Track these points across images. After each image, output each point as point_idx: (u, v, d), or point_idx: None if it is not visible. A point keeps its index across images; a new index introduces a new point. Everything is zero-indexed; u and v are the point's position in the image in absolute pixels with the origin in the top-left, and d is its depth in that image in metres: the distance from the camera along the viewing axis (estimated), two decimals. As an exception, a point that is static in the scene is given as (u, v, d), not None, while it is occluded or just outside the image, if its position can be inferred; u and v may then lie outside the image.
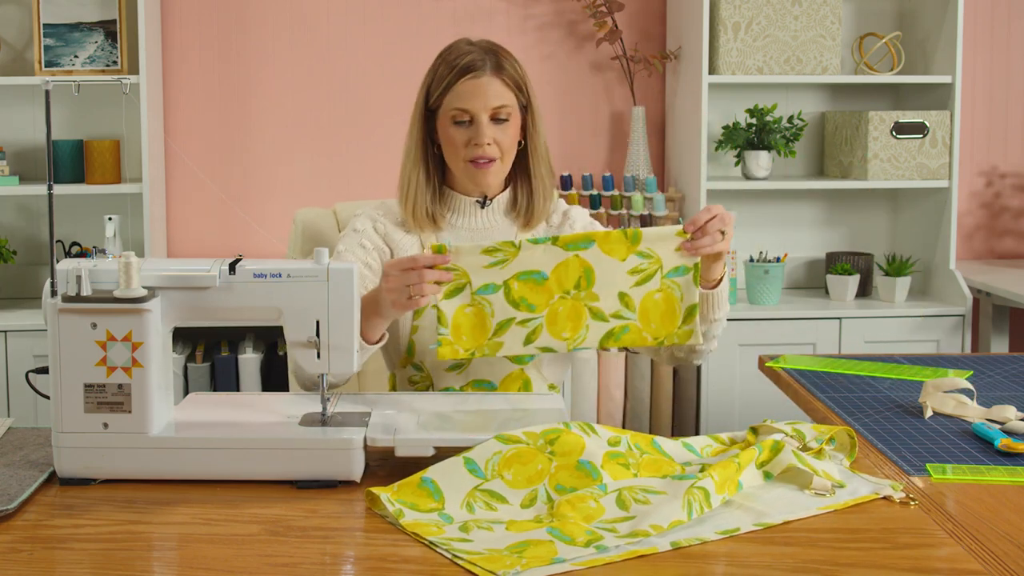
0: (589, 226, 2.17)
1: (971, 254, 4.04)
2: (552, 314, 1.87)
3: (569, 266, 1.85)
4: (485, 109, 2.02)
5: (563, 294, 1.86)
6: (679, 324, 1.88)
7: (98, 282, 1.62)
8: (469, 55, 2.04)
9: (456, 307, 1.85)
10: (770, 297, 3.59)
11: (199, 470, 1.61)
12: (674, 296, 1.88)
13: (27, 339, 3.31)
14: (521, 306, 1.86)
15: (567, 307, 1.86)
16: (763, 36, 3.58)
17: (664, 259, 1.86)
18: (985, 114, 4.00)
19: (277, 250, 3.67)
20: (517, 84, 2.06)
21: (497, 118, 2.03)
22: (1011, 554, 1.37)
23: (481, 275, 1.85)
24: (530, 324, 1.87)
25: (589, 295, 1.86)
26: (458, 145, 2.05)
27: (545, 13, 3.83)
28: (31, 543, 1.41)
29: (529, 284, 1.85)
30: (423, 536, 1.42)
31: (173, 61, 3.74)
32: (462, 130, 2.04)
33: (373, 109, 3.79)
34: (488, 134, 2.03)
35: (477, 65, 2.02)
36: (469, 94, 2.02)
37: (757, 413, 3.40)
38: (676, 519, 1.44)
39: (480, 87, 2.02)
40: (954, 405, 1.99)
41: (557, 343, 1.88)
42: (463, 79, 2.02)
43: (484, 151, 2.03)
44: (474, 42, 2.09)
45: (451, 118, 2.04)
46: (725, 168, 3.87)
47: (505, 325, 1.87)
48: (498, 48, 2.08)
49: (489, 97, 2.02)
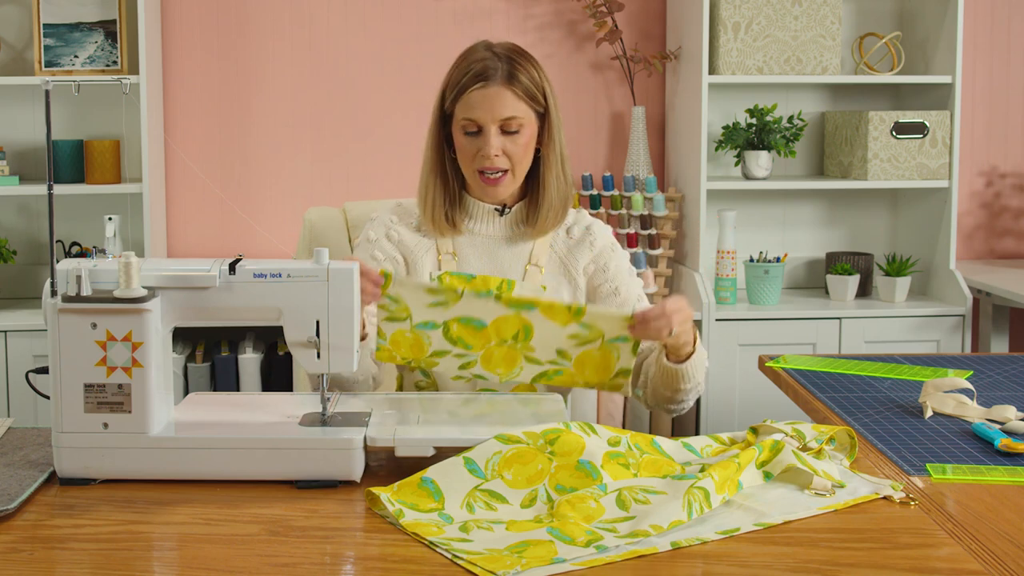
0: (610, 248, 2.14)
1: (971, 254, 4.04)
2: (487, 355, 1.88)
3: (509, 320, 1.85)
4: (493, 120, 1.99)
5: (500, 342, 1.87)
6: (611, 376, 1.88)
7: (98, 282, 1.62)
8: (483, 62, 2.00)
9: (396, 329, 1.87)
10: (770, 297, 3.59)
11: (199, 470, 1.61)
12: (611, 356, 1.86)
13: (27, 339, 3.31)
14: (458, 344, 1.87)
15: (502, 352, 1.88)
16: (763, 36, 3.58)
17: (605, 332, 1.84)
18: (985, 114, 4.00)
19: (277, 250, 3.67)
20: (531, 94, 2.02)
21: (507, 130, 2.01)
22: (1011, 554, 1.37)
23: (422, 312, 1.85)
24: (465, 358, 1.89)
25: (525, 347, 1.87)
26: (468, 154, 2.03)
27: (545, 13, 3.83)
28: (31, 543, 1.41)
29: (468, 328, 1.86)
30: (423, 536, 1.42)
31: (173, 61, 3.74)
32: (471, 139, 2.02)
33: (372, 109, 3.79)
34: (495, 145, 2.00)
35: (488, 74, 1.99)
36: (477, 104, 1.99)
37: (757, 413, 3.41)
38: (676, 519, 1.44)
39: (488, 97, 1.99)
40: (954, 405, 1.99)
41: (490, 375, 1.91)
42: (473, 88, 1.99)
43: (492, 163, 2.01)
44: (493, 47, 2.05)
45: (461, 127, 2.02)
46: (725, 168, 3.87)
47: (441, 353, 1.89)
48: (515, 55, 2.03)
49: (497, 108, 1.99)
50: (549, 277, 2.10)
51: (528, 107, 2.02)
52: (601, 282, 2.12)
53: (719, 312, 3.49)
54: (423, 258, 2.09)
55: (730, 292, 3.58)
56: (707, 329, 3.45)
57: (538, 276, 2.09)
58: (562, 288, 2.11)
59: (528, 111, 2.02)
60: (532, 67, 2.03)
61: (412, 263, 2.09)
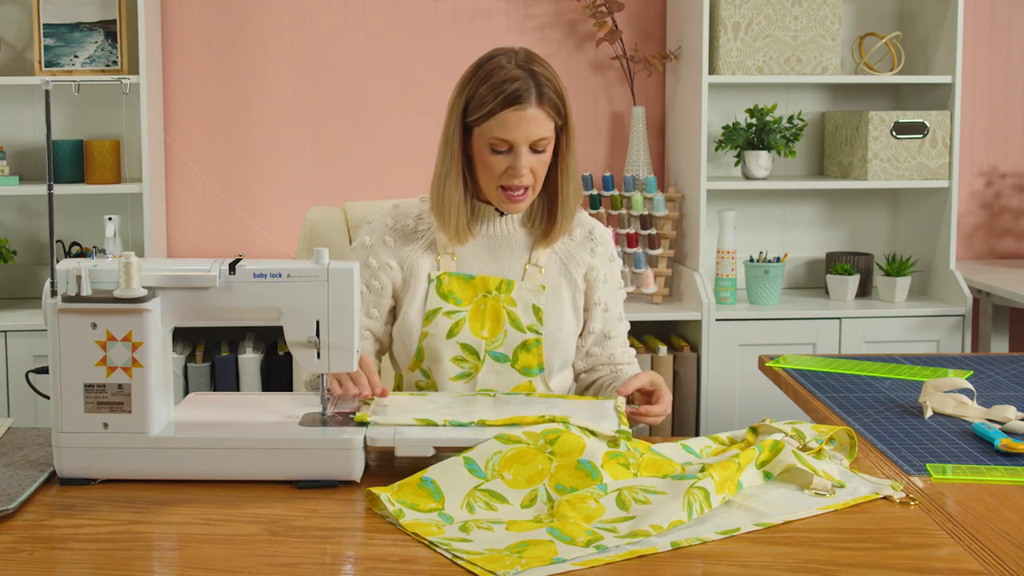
0: (610, 259, 2.16)
1: (971, 254, 4.04)
2: None
3: None
4: (526, 141, 1.99)
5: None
6: None
7: (98, 282, 1.62)
8: (515, 82, 1.98)
9: None
10: (770, 297, 3.59)
11: (199, 470, 1.61)
12: None
13: (27, 339, 3.31)
14: None
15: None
16: (763, 36, 3.57)
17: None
18: (985, 114, 4.00)
19: (277, 250, 3.67)
20: (556, 108, 2.02)
21: (536, 149, 2.01)
22: (1011, 554, 1.37)
23: None
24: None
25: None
26: (494, 171, 2.02)
27: (545, 13, 3.83)
28: (31, 543, 1.41)
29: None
30: (423, 536, 1.42)
31: (173, 61, 3.74)
32: (500, 157, 2.00)
33: (372, 109, 3.79)
34: (526, 165, 2.00)
35: (523, 96, 1.97)
36: (513, 125, 1.98)
37: (757, 413, 3.40)
38: (676, 519, 1.44)
39: (524, 120, 1.98)
40: (954, 405, 1.99)
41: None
42: (508, 109, 1.97)
43: (521, 181, 2.01)
44: (516, 58, 2.03)
45: (490, 145, 2.00)
46: (725, 168, 3.87)
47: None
48: (537, 69, 2.01)
49: (532, 130, 1.98)
50: (549, 277, 2.10)
51: (553, 123, 2.02)
52: (595, 292, 2.14)
53: (719, 312, 3.49)
54: (420, 260, 2.09)
55: (730, 292, 3.58)
56: (707, 329, 3.45)
57: (538, 276, 2.09)
58: (562, 288, 2.11)
59: (553, 129, 2.03)
60: (553, 78, 2.04)
61: (408, 268, 2.09)
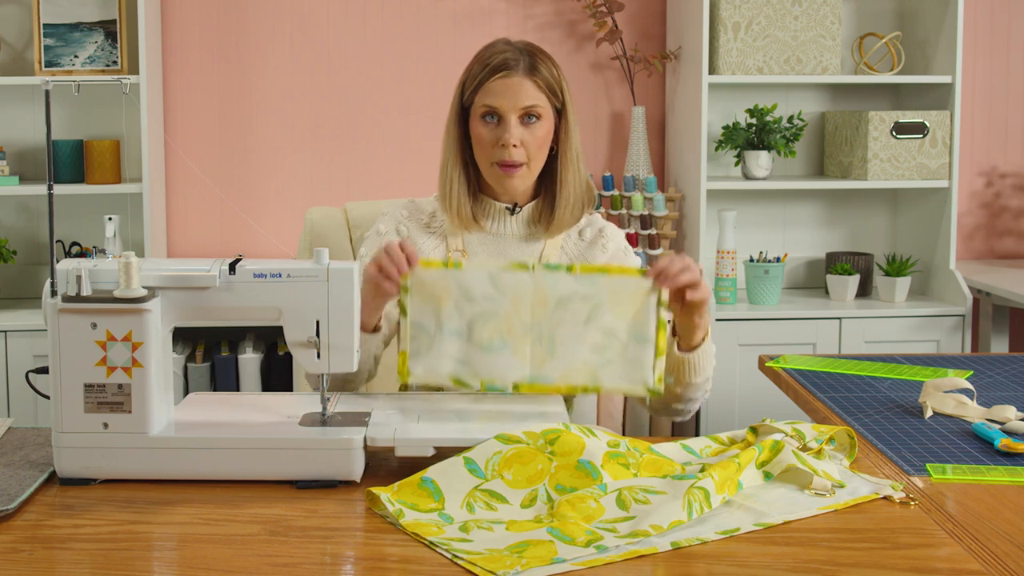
0: (623, 252, 2.13)
1: (971, 254, 4.04)
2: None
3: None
4: (514, 108, 2.00)
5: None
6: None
7: (98, 282, 1.62)
8: (504, 54, 2.02)
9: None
10: (770, 297, 3.59)
11: (199, 470, 1.61)
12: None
13: (27, 339, 3.31)
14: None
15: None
16: (763, 36, 3.58)
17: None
18: (985, 114, 4.00)
19: (278, 250, 3.67)
20: (551, 87, 2.03)
21: (528, 116, 2.01)
22: (1011, 554, 1.37)
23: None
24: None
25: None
26: (486, 144, 2.03)
27: (545, 13, 3.83)
28: (31, 543, 1.41)
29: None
30: (423, 536, 1.42)
31: (173, 61, 3.74)
32: (490, 128, 2.02)
33: (372, 109, 3.79)
34: (515, 134, 2.01)
35: (510, 64, 2.01)
36: (499, 92, 2.00)
37: (757, 413, 3.40)
38: (676, 519, 1.44)
39: (511, 86, 2.00)
40: (954, 405, 1.99)
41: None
42: (494, 77, 2.01)
43: (510, 152, 2.01)
44: (512, 42, 2.07)
45: (480, 115, 2.03)
46: (725, 168, 3.87)
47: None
48: (536, 50, 2.06)
49: (519, 96, 2.00)
50: None
51: (547, 99, 2.03)
52: None
53: (719, 312, 3.49)
54: (432, 255, 2.10)
55: (730, 292, 3.58)
56: (707, 329, 3.45)
57: None
58: None
59: (547, 103, 2.03)
60: (551, 63, 2.06)
61: None
